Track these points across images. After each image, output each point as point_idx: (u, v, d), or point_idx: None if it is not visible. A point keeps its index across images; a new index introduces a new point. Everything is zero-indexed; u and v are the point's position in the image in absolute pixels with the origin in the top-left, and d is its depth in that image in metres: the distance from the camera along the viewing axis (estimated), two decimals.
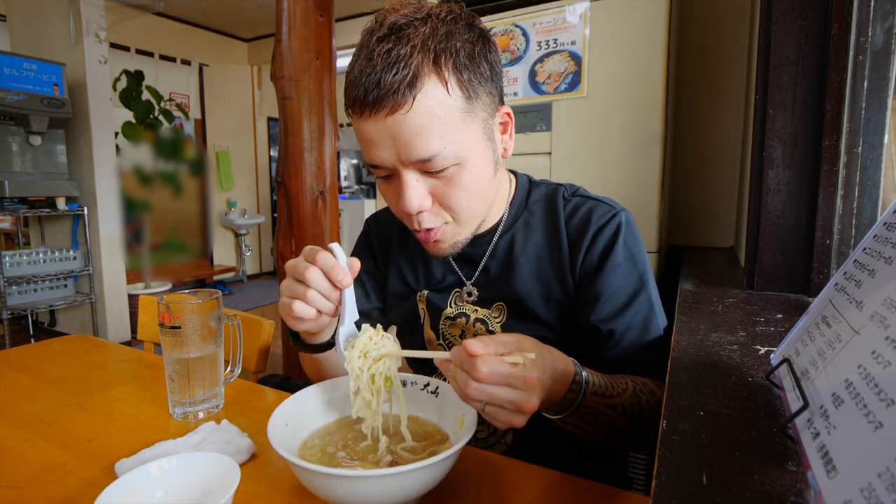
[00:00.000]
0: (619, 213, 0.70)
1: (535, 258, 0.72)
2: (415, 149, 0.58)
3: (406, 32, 0.57)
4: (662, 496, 0.29)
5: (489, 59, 0.62)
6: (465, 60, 0.59)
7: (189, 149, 4.31)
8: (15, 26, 3.41)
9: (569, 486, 0.53)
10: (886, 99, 0.64)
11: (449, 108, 0.58)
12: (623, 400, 0.59)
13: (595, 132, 1.43)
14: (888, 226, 0.34)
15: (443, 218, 0.65)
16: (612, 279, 0.67)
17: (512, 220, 0.75)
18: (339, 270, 0.57)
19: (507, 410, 0.48)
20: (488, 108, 0.63)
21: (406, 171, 0.61)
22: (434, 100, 0.57)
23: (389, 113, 0.56)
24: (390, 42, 0.56)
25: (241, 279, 5.59)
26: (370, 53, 0.57)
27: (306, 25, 1.91)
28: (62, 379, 0.86)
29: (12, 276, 3.01)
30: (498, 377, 0.46)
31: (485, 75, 0.61)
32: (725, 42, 1.56)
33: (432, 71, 0.57)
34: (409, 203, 0.61)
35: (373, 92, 0.56)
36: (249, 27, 5.22)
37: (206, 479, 0.49)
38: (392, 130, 0.58)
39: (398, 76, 0.55)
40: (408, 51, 0.56)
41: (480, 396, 0.46)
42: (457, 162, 0.60)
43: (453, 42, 0.58)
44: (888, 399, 0.24)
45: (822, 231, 0.69)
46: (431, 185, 0.62)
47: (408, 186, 0.61)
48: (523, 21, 1.49)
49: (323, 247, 0.59)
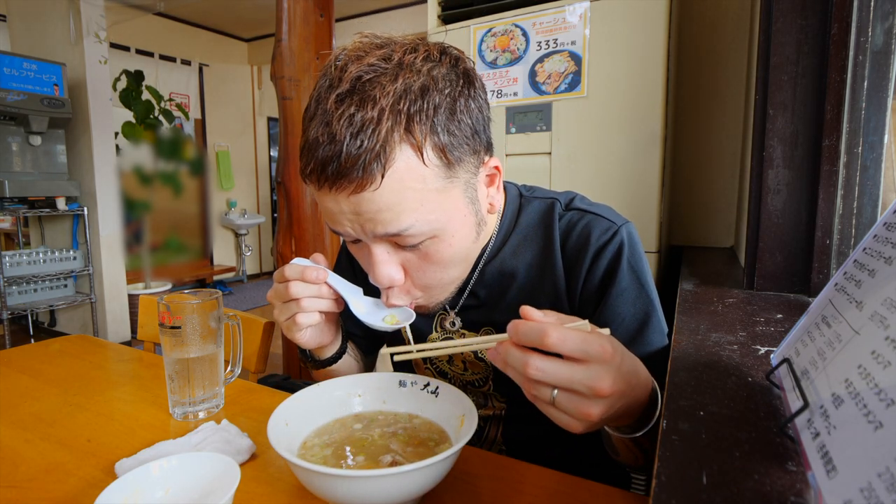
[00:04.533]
0: (621, 228, 0.63)
1: (527, 283, 0.66)
2: (383, 224, 0.50)
3: (372, 92, 0.47)
4: (662, 496, 0.29)
5: (473, 113, 0.53)
6: (445, 121, 0.50)
7: (189, 149, 4.31)
8: (15, 26, 3.40)
9: (568, 485, 0.53)
10: (886, 99, 0.64)
11: (425, 180, 0.50)
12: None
13: (595, 132, 1.43)
14: (888, 226, 0.34)
15: (413, 295, 0.60)
16: (619, 305, 0.61)
17: (501, 242, 0.68)
18: (310, 271, 0.59)
19: (581, 397, 0.39)
20: (471, 167, 0.55)
21: (374, 245, 0.54)
22: (407, 172, 0.48)
23: (354, 191, 0.48)
24: (353, 104, 0.47)
25: (241, 279, 5.59)
26: (328, 116, 0.47)
27: (306, 25, 1.91)
28: (62, 379, 0.86)
29: (12, 276, 3.01)
30: (571, 345, 0.38)
31: (467, 134, 0.52)
32: (725, 42, 1.56)
33: (404, 139, 0.48)
34: (380, 277, 0.56)
35: (332, 165, 0.47)
36: (249, 27, 5.22)
37: (206, 479, 0.49)
38: (356, 207, 0.50)
39: (363, 147, 0.46)
40: (374, 116, 0.46)
41: (547, 377, 0.39)
42: (432, 235, 0.53)
43: (430, 99, 0.48)
44: (888, 399, 0.24)
45: (822, 231, 0.69)
46: (404, 257, 0.56)
47: (377, 262, 0.55)
48: (523, 21, 1.49)
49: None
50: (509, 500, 0.51)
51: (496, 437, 0.74)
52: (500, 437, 0.73)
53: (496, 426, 0.73)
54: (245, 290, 5.23)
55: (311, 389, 0.61)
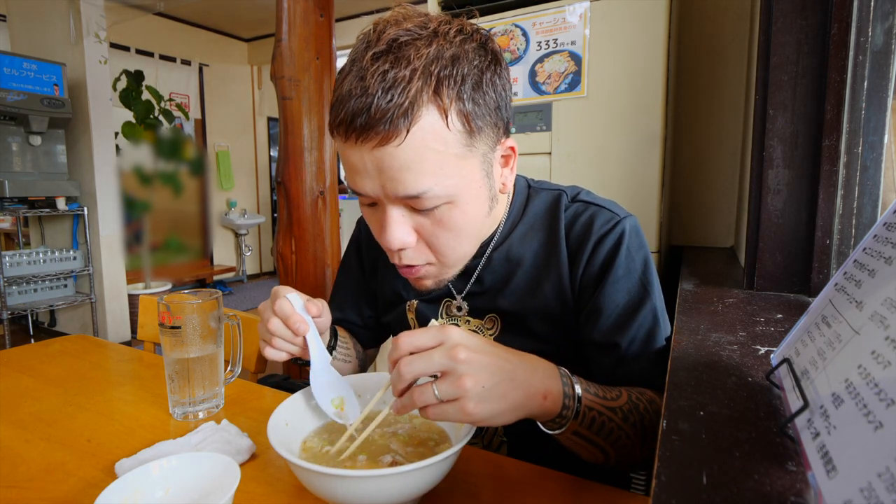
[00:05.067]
0: (623, 220, 0.65)
1: (533, 269, 0.68)
2: (403, 184, 0.52)
3: (406, 53, 0.50)
4: (662, 496, 0.29)
5: (497, 88, 0.56)
6: (471, 91, 0.52)
7: (189, 149, 4.31)
8: (15, 26, 3.40)
9: (569, 485, 0.53)
10: (886, 99, 0.64)
11: (447, 143, 0.52)
12: (621, 404, 0.55)
13: (595, 132, 1.43)
14: (888, 226, 0.34)
15: (426, 258, 0.61)
16: (614, 292, 0.63)
17: (509, 229, 0.70)
18: (295, 319, 0.59)
19: (453, 381, 0.43)
20: (490, 141, 0.58)
21: (391, 206, 0.56)
22: (431, 133, 0.51)
23: (379, 144, 0.50)
24: (388, 62, 0.50)
25: (241, 279, 5.59)
26: (363, 71, 0.50)
27: (306, 25, 1.91)
28: (62, 379, 0.86)
29: (12, 276, 3.01)
30: (418, 337, 0.45)
31: (490, 106, 0.55)
32: (725, 42, 1.56)
33: (432, 100, 0.50)
34: (390, 239, 0.57)
35: (362, 117, 0.50)
36: (249, 27, 5.22)
37: (206, 479, 0.49)
38: (379, 162, 0.52)
39: (392, 102, 0.49)
40: (407, 74, 0.49)
41: (414, 367, 0.44)
42: (448, 200, 0.55)
43: (460, 68, 0.52)
44: (888, 399, 0.24)
45: (822, 231, 0.69)
46: (418, 222, 0.57)
47: (391, 221, 0.56)
48: (523, 21, 1.49)
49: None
50: (509, 500, 0.51)
51: (497, 429, 0.74)
52: (500, 428, 0.74)
53: None
54: (245, 290, 5.23)
55: (311, 389, 0.61)
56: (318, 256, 1.95)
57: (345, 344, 0.80)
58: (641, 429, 0.56)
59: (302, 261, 1.94)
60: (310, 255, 1.94)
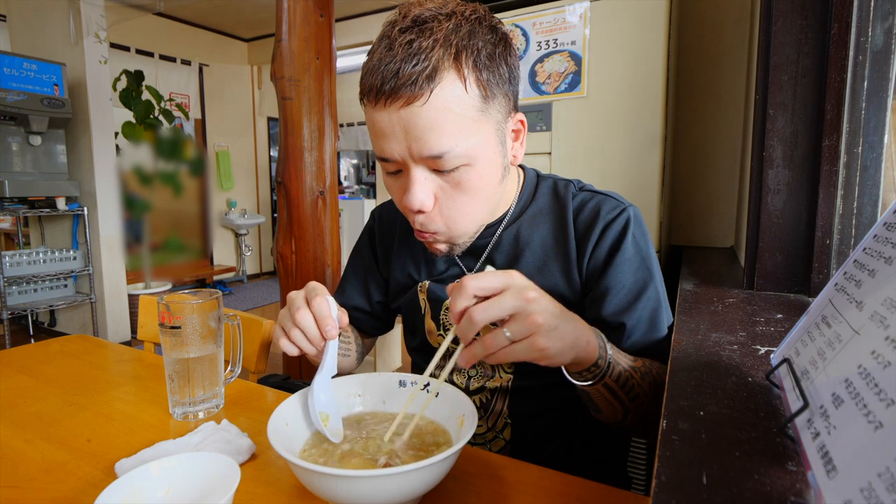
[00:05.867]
0: (628, 208, 0.70)
1: (541, 251, 0.72)
2: (427, 143, 0.58)
3: (429, 25, 0.57)
4: (662, 496, 0.29)
5: (508, 63, 0.62)
6: (486, 60, 0.59)
7: (189, 149, 4.31)
8: (15, 26, 3.40)
9: (568, 485, 0.53)
10: (886, 99, 0.64)
11: (465, 106, 0.58)
12: (639, 366, 0.61)
13: (595, 132, 1.43)
14: (888, 226, 0.34)
15: (437, 227, 0.65)
16: (621, 273, 0.67)
17: (519, 212, 0.75)
18: (329, 322, 0.59)
19: (525, 323, 0.47)
20: (503, 110, 0.63)
21: (415, 167, 0.61)
22: (451, 95, 0.57)
23: (405, 104, 0.57)
24: (413, 33, 0.57)
25: (241, 279, 5.59)
26: (391, 43, 0.57)
27: (306, 25, 1.91)
28: (62, 379, 0.86)
29: (12, 276, 3.01)
30: (486, 280, 0.47)
31: (503, 77, 0.61)
32: (725, 42, 1.56)
33: (452, 66, 0.57)
34: (413, 198, 0.61)
35: (390, 81, 0.56)
36: (249, 27, 5.22)
37: (206, 479, 0.49)
38: (405, 123, 0.58)
39: (417, 67, 0.55)
40: (429, 44, 0.56)
41: (489, 312, 0.46)
42: (467, 162, 0.60)
43: (475, 41, 0.58)
44: (888, 399, 0.24)
45: (822, 231, 0.69)
46: (438, 185, 0.63)
47: (415, 182, 0.61)
48: (523, 21, 1.49)
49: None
50: (509, 500, 0.51)
51: (502, 409, 0.75)
52: (506, 409, 0.75)
53: (503, 398, 0.75)
54: (245, 290, 5.23)
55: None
56: (318, 256, 1.95)
57: (346, 338, 0.82)
58: (653, 392, 0.61)
59: (302, 261, 1.94)
60: (310, 255, 1.94)
